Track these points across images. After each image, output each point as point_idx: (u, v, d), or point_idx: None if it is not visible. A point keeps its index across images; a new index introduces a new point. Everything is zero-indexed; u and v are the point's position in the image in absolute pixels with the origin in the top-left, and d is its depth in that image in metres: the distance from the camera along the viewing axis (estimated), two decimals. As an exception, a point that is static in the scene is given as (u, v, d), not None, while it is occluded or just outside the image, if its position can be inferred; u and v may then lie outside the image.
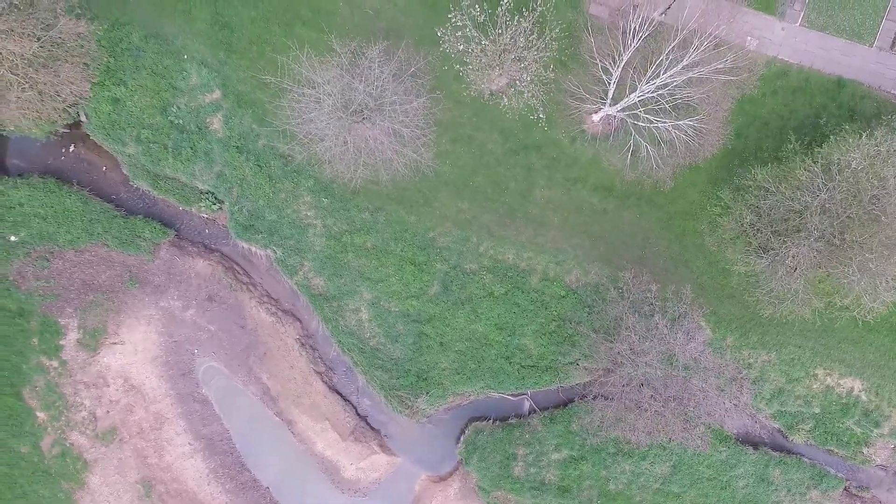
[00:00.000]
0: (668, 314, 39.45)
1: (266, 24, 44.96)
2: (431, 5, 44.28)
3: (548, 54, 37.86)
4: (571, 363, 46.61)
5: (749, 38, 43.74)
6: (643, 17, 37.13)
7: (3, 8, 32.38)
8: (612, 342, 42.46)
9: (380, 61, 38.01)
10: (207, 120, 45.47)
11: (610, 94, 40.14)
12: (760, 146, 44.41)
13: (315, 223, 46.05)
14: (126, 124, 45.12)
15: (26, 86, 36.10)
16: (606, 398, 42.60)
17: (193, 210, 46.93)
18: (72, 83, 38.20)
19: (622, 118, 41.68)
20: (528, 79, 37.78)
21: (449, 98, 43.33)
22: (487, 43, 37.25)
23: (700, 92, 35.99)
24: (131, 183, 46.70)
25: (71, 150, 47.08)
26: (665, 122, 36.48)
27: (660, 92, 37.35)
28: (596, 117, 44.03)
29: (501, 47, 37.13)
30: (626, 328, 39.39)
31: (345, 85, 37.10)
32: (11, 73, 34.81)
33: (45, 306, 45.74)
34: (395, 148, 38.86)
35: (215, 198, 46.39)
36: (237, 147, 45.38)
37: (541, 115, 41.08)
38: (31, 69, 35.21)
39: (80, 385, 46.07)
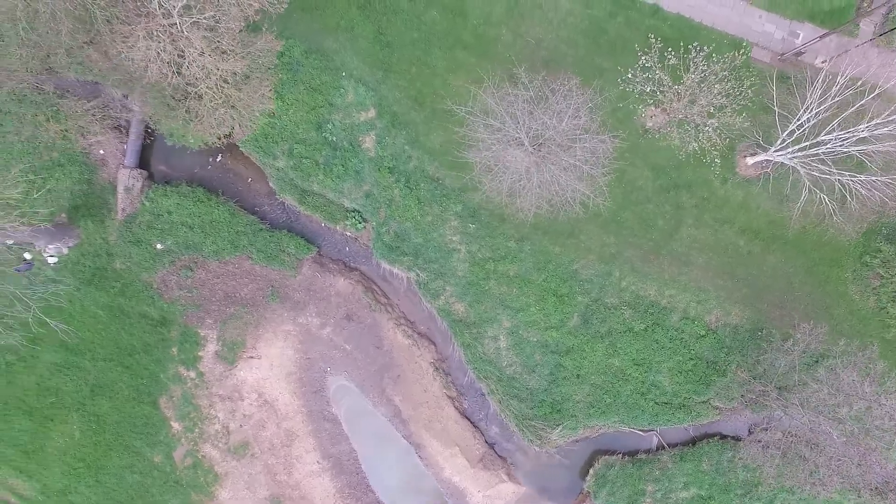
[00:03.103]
0: (855, 367, 39.52)
1: (427, 46, 44.98)
2: (594, 38, 44.47)
3: (742, 102, 38.05)
4: (704, 402, 46.72)
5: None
6: (825, 76, 37.28)
7: (213, 26, 32.03)
8: (766, 387, 42.64)
9: (565, 94, 38.06)
10: (360, 138, 45.33)
11: (780, 141, 40.39)
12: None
13: (460, 248, 45.96)
14: (279, 138, 44.93)
15: (221, 102, 35.81)
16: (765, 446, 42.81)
17: (338, 228, 46.74)
18: (261, 99, 37.93)
19: (783, 163, 42.02)
20: (715, 124, 37.91)
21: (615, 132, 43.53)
22: (680, 87, 37.42)
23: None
24: (277, 196, 46.48)
25: (218, 159, 46.80)
26: (858, 176, 36.67)
27: (843, 143, 37.63)
28: (751, 160, 44.28)
29: (690, 92, 37.29)
30: (816, 381, 39.44)
31: (534, 118, 37.06)
32: (215, 92, 34.51)
33: (187, 316, 45.36)
34: (572, 184, 38.86)
35: (361, 217, 46.23)
36: (389, 168, 45.27)
37: (716, 160, 41.25)
38: (230, 86, 34.91)
39: (216, 398, 45.67)
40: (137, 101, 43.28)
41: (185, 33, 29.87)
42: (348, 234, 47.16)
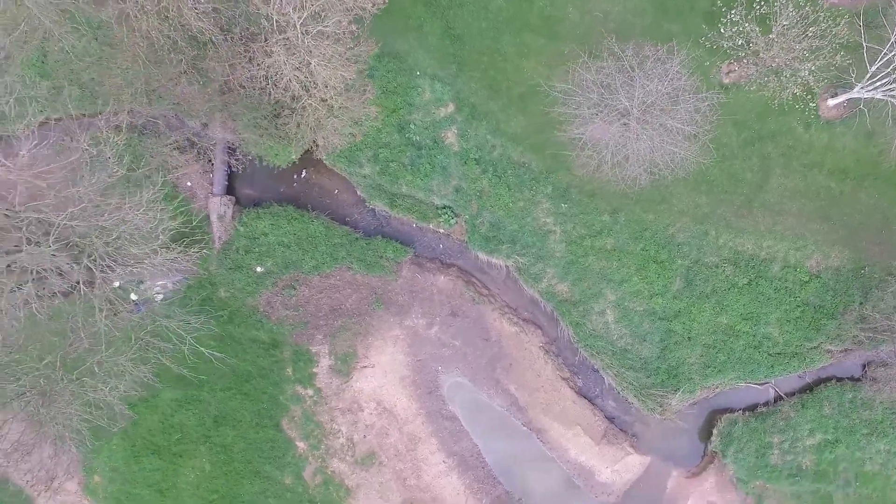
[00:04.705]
0: None
1: (496, 34, 45.09)
2: (660, 4, 44.62)
3: (839, 40, 38.22)
4: (816, 347, 46.82)
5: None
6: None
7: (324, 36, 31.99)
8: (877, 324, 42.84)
9: (658, 58, 38.18)
10: (443, 134, 45.42)
11: (868, 76, 40.50)
12: None
13: (555, 229, 46.04)
14: (363, 145, 44.98)
15: (325, 113, 35.79)
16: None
17: (431, 226, 46.76)
18: (364, 104, 37.94)
19: (867, 100, 42.21)
20: (811, 67, 38.07)
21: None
22: (772, 36, 37.56)
23: None
24: (367, 204, 46.50)
25: (302, 176, 46.79)
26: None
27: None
28: (832, 102, 44.43)
29: (783, 38, 37.42)
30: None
31: (634, 85, 37.16)
32: (319, 103, 34.49)
33: (296, 335, 45.36)
34: (677, 147, 38.96)
35: (453, 212, 46.25)
36: (475, 159, 45.34)
37: (811, 104, 41.42)
38: (336, 95, 34.90)
39: (336, 412, 45.64)
40: (219, 129, 43.25)
41: (307, 44, 29.85)
42: (441, 231, 47.17)
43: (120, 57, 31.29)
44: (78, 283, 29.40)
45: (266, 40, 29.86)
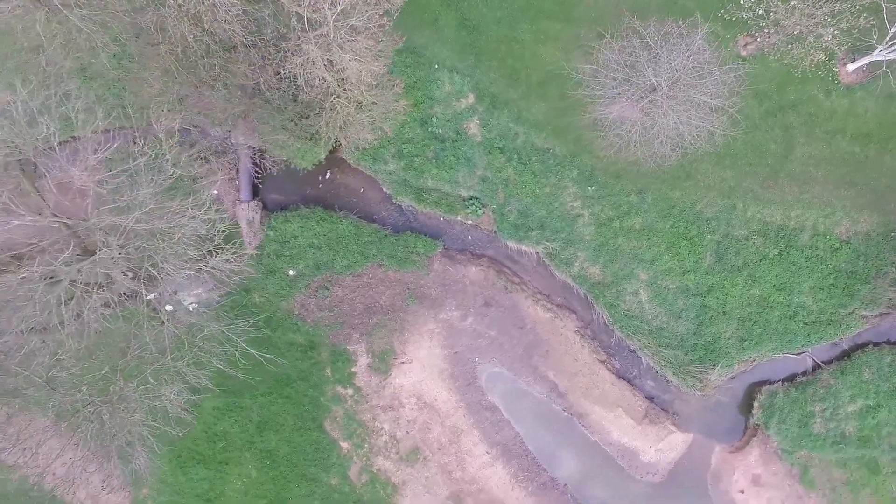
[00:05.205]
0: None
1: (512, 22, 45.12)
2: (674, -20, 44.62)
3: (860, 3, 38.27)
4: (851, 313, 46.80)
5: None
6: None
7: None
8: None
9: (681, 34, 38.19)
10: (465, 125, 45.43)
11: (888, 37, 40.52)
12: None
13: (582, 213, 46.06)
14: (386, 142, 44.96)
15: (354, 109, 35.81)
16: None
17: (458, 218, 46.76)
18: (394, 97, 37.96)
19: (888, 62, 42.22)
20: (834, 31, 38.10)
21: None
22: (796, 2, 37.59)
23: None
24: (394, 200, 46.50)
25: (327, 176, 46.80)
26: None
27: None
28: (852, 67, 44.43)
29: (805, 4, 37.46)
30: None
31: (659, 62, 37.17)
32: (347, 100, 34.50)
33: (333, 335, 45.36)
34: (705, 120, 38.96)
35: (480, 203, 46.25)
36: (499, 148, 45.37)
37: (834, 69, 41.45)
38: (365, 90, 34.92)
39: (378, 409, 45.63)
40: (242, 135, 43.27)
41: (341, 39, 29.86)
42: (469, 222, 47.17)
43: (155, 64, 31.32)
44: (131, 292, 29.45)
45: (298, 38, 29.84)
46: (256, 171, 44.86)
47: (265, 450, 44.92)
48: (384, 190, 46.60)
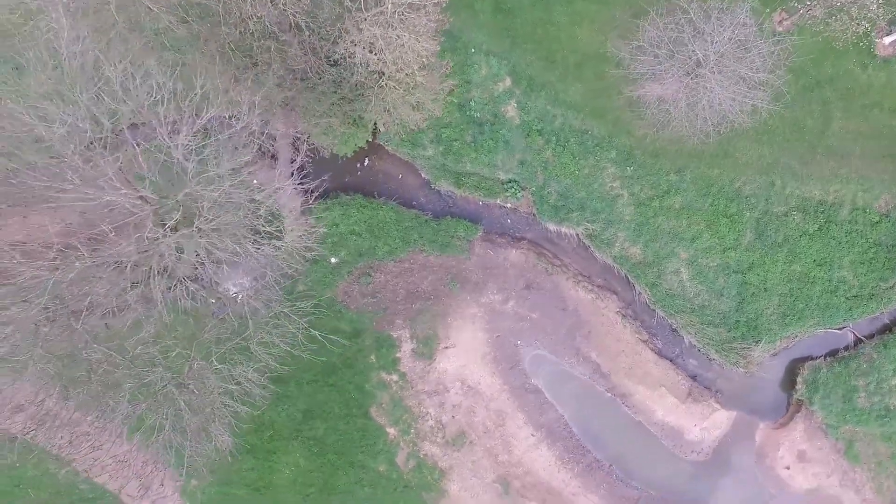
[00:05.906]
0: None
1: (547, 4, 45.14)
2: (707, -42, 44.62)
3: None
4: (891, 287, 46.82)
5: None
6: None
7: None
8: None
9: (723, 8, 38.21)
10: (503, 109, 45.44)
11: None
12: None
13: (622, 193, 46.07)
14: (425, 127, 44.86)
15: (404, 91, 35.81)
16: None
17: (498, 202, 46.79)
18: (442, 77, 37.91)
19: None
20: (879, 0, 38.16)
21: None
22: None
23: None
24: (433, 186, 46.51)
25: (365, 164, 46.80)
26: None
27: None
28: (888, 40, 44.46)
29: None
30: None
31: (703, 37, 37.19)
32: (399, 80, 34.47)
33: (376, 322, 45.39)
34: (743, 99, 38.97)
35: (519, 185, 46.27)
36: (537, 130, 45.38)
37: (876, 40, 41.48)
38: (417, 70, 34.91)
39: (423, 395, 45.65)
40: (282, 124, 43.23)
41: (399, 17, 29.87)
42: (508, 205, 47.20)
43: (214, 46, 31.31)
44: (193, 276, 29.49)
45: (355, 18, 29.82)
46: (296, 159, 44.71)
47: (313, 438, 44.93)
48: (423, 175, 46.64)
